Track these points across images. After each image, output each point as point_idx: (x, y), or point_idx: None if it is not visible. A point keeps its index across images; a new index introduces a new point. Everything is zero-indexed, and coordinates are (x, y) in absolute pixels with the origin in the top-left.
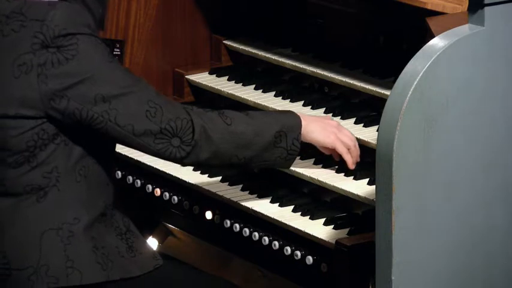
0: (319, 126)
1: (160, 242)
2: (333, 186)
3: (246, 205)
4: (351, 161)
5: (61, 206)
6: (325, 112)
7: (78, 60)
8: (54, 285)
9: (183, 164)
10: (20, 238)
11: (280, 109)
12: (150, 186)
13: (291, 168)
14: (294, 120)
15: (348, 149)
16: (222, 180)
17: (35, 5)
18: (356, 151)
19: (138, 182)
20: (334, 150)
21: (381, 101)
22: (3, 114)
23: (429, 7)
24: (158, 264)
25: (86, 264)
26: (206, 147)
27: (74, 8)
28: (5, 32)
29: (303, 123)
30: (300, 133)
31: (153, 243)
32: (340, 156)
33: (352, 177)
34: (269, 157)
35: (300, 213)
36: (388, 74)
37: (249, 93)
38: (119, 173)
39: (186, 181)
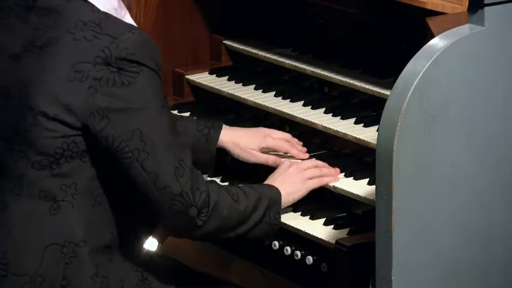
0: (288, 186)
1: (161, 242)
2: (333, 186)
3: None
4: (332, 180)
5: (72, 225)
6: (325, 112)
7: (133, 89)
8: None
9: (192, 237)
10: (25, 244)
11: (280, 109)
12: None
13: None
14: (276, 194)
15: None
16: (222, 180)
17: (115, 22)
18: (327, 170)
19: None
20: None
21: (381, 101)
22: (43, 112)
23: (429, 7)
24: None
25: None
26: (215, 222)
27: (149, 39)
28: (77, 36)
29: (282, 194)
30: (280, 207)
31: (153, 243)
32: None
33: (352, 177)
34: (257, 231)
35: (300, 213)
36: (388, 74)
37: (249, 93)
38: None
39: None
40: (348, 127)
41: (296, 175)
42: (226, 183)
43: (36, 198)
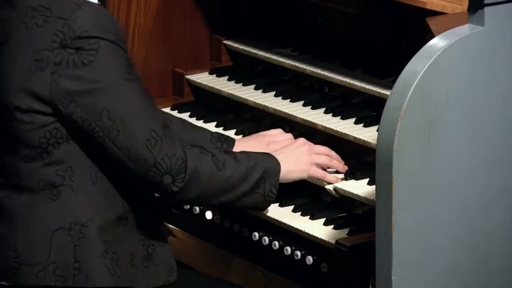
0: (292, 163)
1: None
2: (333, 187)
3: None
4: (334, 180)
5: (74, 206)
6: (325, 112)
7: (94, 68)
8: (61, 285)
9: (170, 200)
10: (32, 234)
11: (280, 109)
12: None
13: None
14: (274, 165)
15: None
16: None
17: (64, 1)
18: (336, 162)
19: None
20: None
21: (381, 101)
22: (16, 107)
23: (429, 7)
24: (168, 282)
25: (93, 268)
26: (194, 188)
27: (102, 11)
28: (29, 25)
29: (282, 168)
30: (277, 180)
31: None
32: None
33: (352, 177)
34: (247, 201)
35: (300, 213)
36: (388, 74)
37: (249, 93)
38: None
39: None
40: (348, 127)
41: (305, 155)
42: None
43: (35, 189)
